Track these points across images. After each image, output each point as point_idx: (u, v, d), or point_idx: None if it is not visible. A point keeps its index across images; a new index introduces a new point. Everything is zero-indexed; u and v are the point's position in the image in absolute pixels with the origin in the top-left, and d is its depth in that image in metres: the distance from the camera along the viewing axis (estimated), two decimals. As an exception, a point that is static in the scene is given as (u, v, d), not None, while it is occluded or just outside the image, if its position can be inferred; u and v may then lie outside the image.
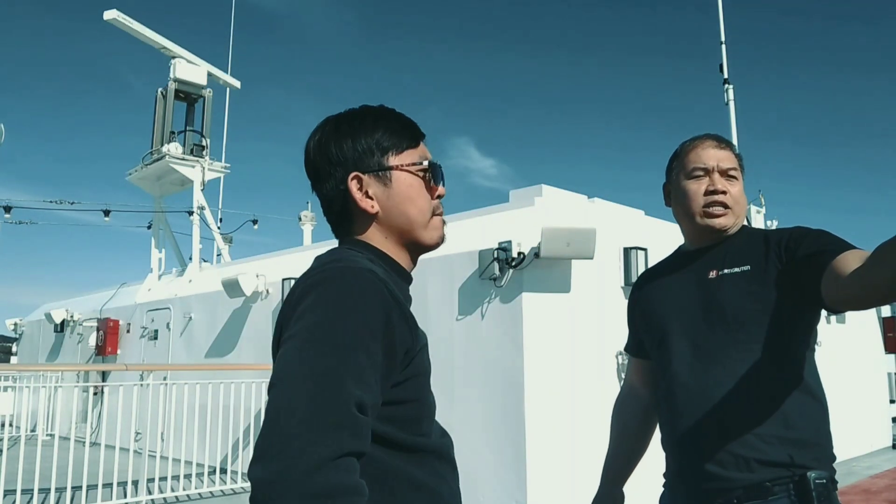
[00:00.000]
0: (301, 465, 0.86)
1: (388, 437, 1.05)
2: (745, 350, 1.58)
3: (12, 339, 15.44)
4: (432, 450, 1.13)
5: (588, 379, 5.48)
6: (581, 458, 5.27)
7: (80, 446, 5.62)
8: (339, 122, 1.23)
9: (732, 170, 1.72)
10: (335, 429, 0.90)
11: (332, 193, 1.21)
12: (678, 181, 1.77)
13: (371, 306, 1.02)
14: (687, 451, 1.64)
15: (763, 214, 8.57)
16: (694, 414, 1.61)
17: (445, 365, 5.62)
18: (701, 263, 1.74)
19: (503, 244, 5.35)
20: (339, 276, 1.06)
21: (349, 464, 0.90)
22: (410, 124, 1.26)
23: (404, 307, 1.09)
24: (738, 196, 1.73)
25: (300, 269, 1.26)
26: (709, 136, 1.78)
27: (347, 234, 1.24)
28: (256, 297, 7.84)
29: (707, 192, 1.71)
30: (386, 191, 1.20)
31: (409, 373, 1.08)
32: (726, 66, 9.04)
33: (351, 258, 1.13)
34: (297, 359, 0.97)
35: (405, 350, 1.06)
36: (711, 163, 1.71)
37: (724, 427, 1.56)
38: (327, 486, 0.86)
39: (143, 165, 11.29)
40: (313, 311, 1.01)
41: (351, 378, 0.94)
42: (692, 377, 1.64)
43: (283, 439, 0.88)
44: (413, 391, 1.09)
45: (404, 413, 1.08)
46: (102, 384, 7.07)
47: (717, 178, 1.70)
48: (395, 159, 1.21)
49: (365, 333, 0.99)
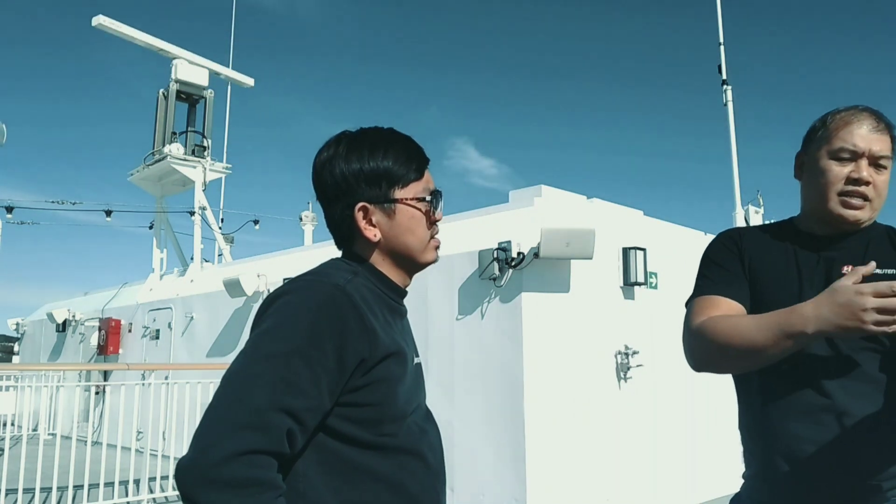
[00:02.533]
0: (209, 457, 1.02)
1: (347, 433, 1.17)
2: (873, 357, 1.46)
3: (14, 338, 15.45)
4: (397, 447, 1.21)
5: (587, 378, 5.50)
6: (581, 457, 5.29)
7: (82, 445, 5.64)
8: (351, 145, 1.30)
9: (884, 158, 1.51)
10: (244, 428, 1.04)
11: (339, 217, 1.31)
12: (818, 156, 1.55)
13: (323, 317, 1.13)
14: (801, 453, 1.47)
15: (762, 215, 8.59)
16: (818, 415, 1.46)
17: (445, 365, 5.65)
18: (832, 254, 1.54)
19: (503, 244, 5.37)
20: (301, 288, 1.18)
21: (257, 460, 1.04)
22: (418, 153, 1.33)
23: (367, 320, 1.18)
24: (883, 188, 1.53)
25: (301, 268, 1.31)
26: (867, 111, 1.54)
27: (348, 249, 1.33)
28: (258, 296, 7.86)
29: (850, 179, 1.50)
30: (389, 221, 1.29)
31: (369, 379, 1.18)
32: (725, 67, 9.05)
33: (326, 272, 1.24)
34: (236, 363, 1.12)
35: (359, 359, 1.16)
36: (863, 146, 1.50)
37: (857, 435, 1.43)
38: (230, 477, 1.01)
39: (144, 166, 11.31)
40: (269, 318, 1.16)
41: (279, 384, 1.07)
42: (819, 379, 1.47)
43: (201, 433, 1.05)
44: (373, 396, 1.18)
45: (363, 414, 1.18)
46: (104, 383, 7.09)
47: (863, 166, 1.50)
48: (401, 192, 1.29)
49: (309, 342, 1.11)
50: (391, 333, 1.24)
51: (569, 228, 5.24)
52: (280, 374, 1.08)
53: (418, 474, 1.24)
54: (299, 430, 1.10)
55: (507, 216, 5.84)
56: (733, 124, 8.91)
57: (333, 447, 1.16)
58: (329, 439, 1.16)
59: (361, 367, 1.16)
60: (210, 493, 1.01)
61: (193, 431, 1.06)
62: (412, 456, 1.24)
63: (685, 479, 6.00)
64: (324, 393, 1.12)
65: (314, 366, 1.10)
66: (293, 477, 1.14)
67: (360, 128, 1.34)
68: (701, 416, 6.15)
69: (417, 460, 1.25)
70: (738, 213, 8.52)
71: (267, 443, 1.05)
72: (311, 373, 1.10)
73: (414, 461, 1.24)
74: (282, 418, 1.07)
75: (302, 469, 1.15)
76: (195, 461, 1.03)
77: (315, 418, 1.12)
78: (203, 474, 1.01)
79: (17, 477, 5.36)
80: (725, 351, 1.45)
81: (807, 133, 1.62)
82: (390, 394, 1.21)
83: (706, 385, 6.02)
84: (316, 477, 1.16)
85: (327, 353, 1.12)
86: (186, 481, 1.02)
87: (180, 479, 1.03)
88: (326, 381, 1.12)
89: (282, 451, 1.08)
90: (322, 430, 1.16)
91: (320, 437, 1.16)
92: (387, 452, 1.20)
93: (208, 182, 11.14)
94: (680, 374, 5.96)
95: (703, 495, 5.83)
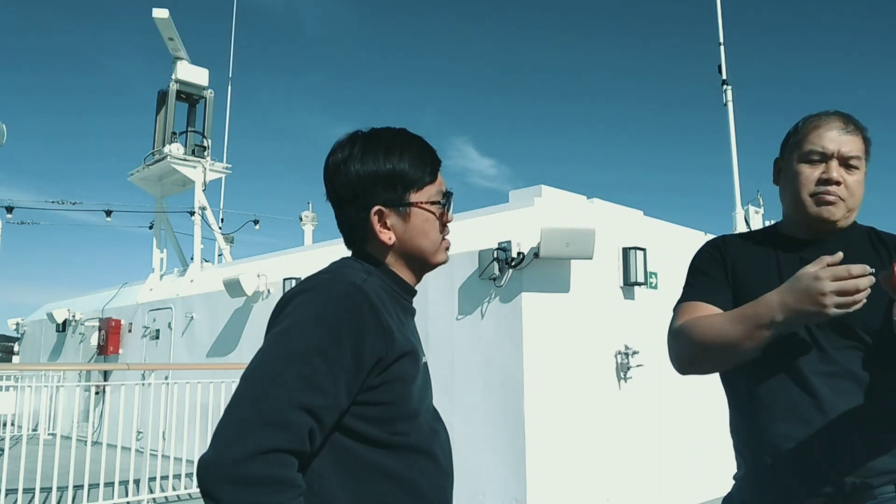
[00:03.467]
0: (231, 455, 1.01)
1: (361, 432, 1.17)
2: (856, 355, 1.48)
3: (14, 338, 15.45)
4: (409, 447, 1.21)
5: (587, 379, 5.50)
6: (581, 457, 5.29)
7: (82, 445, 5.64)
8: (366, 147, 1.29)
9: (854, 158, 1.55)
10: (266, 426, 1.03)
11: (353, 219, 1.30)
12: (791, 160, 1.61)
13: (342, 316, 1.13)
14: (789, 451, 1.49)
15: (761, 215, 8.58)
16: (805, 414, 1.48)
17: (445, 365, 5.65)
18: (811, 256, 1.52)
19: (503, 244, 5.38)
20: (319, 286, 1.18)
21: (279, 459, 1.03)
22: (432, 156, 1.33)
23: (383, 319, 1.18)
24: (855, 188, 1.56)
25: (301, 268, 1.32)
26: (836, 115, 1.58)
27: (359, 250, 1.33)
28: (258, 296, 7.86)
29: (820, 180, 1.54)
30: (403, 224, 1.29)
31: (385, 378, 1.18)
32: (725, 67, 9.05)
33: (342, 271, 1.25)
34: (257, 360, 1.12)
35: (377, 358, 1.16)
36: (832, 148, 1.54)
37: (842, 432, 1.45)
38: (252, 475, 1.01)
39: (144, 166, 11.30)
40: (287, 317, 1.16)
41: (300, 382, 1.07)
42: (803, 377, 1.49)
43: (223, 431, 1.05)
44: (387, 395, 1.18)
45: (378, 413, 1.18)
46: (104, 383, 7.09)
47: (833, 167, 1.54)
48: (416, 195, 1.29)
49: (329, 341, 1.11)
50: (405, 332, 1.25)
51: (569, 228, 5.24)
52: (300, 372, 1.08)
53: (430, 474, 1.24)
54: (318, 428, 1.10)
55: (507, 216, 5.84)
56: (733, 124, 8.90)
57: (347, 445, 1.16)
58: (343, 438, 1.16)
59: (378, 366, 1.17)
60: (232, 491, 1.01)
61: (193, 432, 1.06)
62: (424, 455, 1.24)
63: (685, 479, 6.00)
64: (342, 391, 1.12)
65: (333, 364, 1.11)
66: (307, 475, 1.14)
67: (371, 128, 1.33)
68: (701, 416, 6.15)
69: (429, 460, 1.25)
70: (737, 214, 8.50)
71: (289, 441, 1.05)
72: (331, 371, 1.10)
73: (426, 461, 1.24)
74: (303, 417, 1.07)
75: (316, 468, 1.15)
76: (217, 458, 1.02)
77: (333, 417, 1.13)
78: (226, 472, 1.01)
79: (17, 477, 5.35)
80: (704, 349, 1.49)
81: (783, 139, 1.67)
82: (404, 393, 1.21)
83: (706, 385, 6.01)
84: (329, 475, 1.16)
85: (346, 351, 1.12)
86: (208, 478, 1.02)
87: (202, 477, 1.03)
88: (345, 379, 1.12)
89: (303, 449, 1.08)
90: (337, 428, 1.16)
91: (335, 435, 1.16)
92: (399, 451, 1.20)
93: (208, 182, 11.13)
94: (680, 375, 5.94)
95: (703, 495, 5.83)
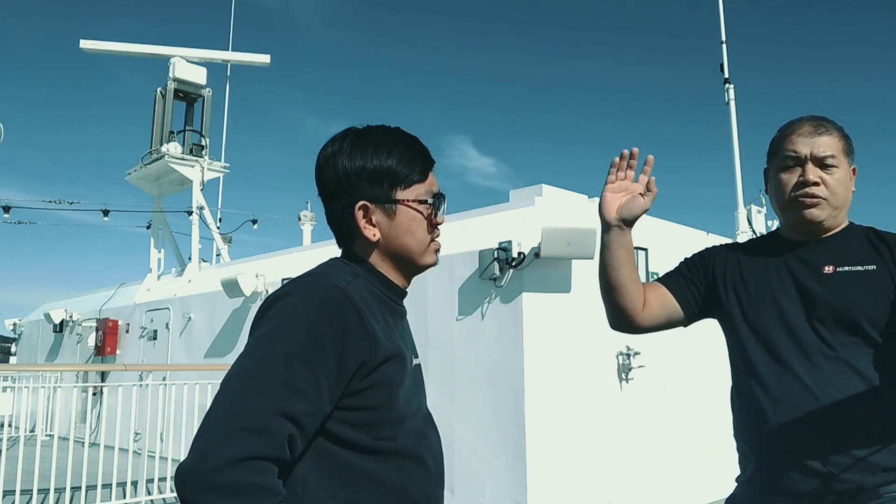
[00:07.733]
0: (210, 462, 1.00)
1: (345, 437, 1.15)
2: (863, 352, 1.50)
3: (11, 339, 15.43)
4: (396, 451, 1.20)
5: (588, 379, 5.48)
6: (582, 459, 5.26)
7: (80, 446, 5.60)
8: (356, 142, 1.28)
9: (829, 157, 1.57)
10: (245, 433, 1.02)
11: (339, 214, 1.29)
12: (772, 169, 1.66)
13: (324, 320, 1.12)
14: (796, 449, 1.51)
15: (764, 214, 8.55)
16: (811, 412, 1.49)
17: (445, 365, 5.62)
18: (808, 255, 1.61)
19: (503, 244, 5.35)
20: (301, 290, 1.17)
21: (258, 466, 1.02)
22: (423, 155, 1.31)
23: (367, 322, 1.16)
24: (836, 186, 1.58)
25: (300, 269, 1.29)
26: (807, 119, 1.63)
27: (348, 248, 1.32)
28: (256, 297, 7.83)
29: (798, 183, 1.58)
30: (389, 222, 1.28)
31: (369, 382, 1.16)
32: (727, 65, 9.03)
33: (326, 273, 1.23)
34: (238, 366, 1.10)
35: (360, 362, 1.14)
36: (804, 151, 1.58)
37: (847, 429, 1.46)
38: (231, 483, 0.99)
39: (142, 165, 11.27)
40: (269, 321, 1.14)
41: (281, 388, 1.06)
42: (808, 375, 1.51)
43: (201, 438, 1.03)
44: (373, 399, 1.17)
45: (363, 418, 1.16)
46: (101, 384, 7.05)
47: (809, 169, 1.57)
48: (403, 193, 1.28)
49: (311, 345, 1.09)
50: (391, 336, 1.23)
51: (570, 228, 5.21)
52: (281, 377, 1.07)
53: (417, 478, 1.23)
54: (300, 434, 1.08)
55: (507, 216, 5.82)
56: (735, 123, 8.88)
57: (332, 451, 1.15)
58: (327, 443, 1.15)
59: (362, 370, 1.15)
60: (210, 499, 0.99)
61: (191, 433, 1.03)
62: (411, 459, 1.23)
63: (686, 480, 5.98)
64: (324, 396, 1.10)
65: (315, 369, 1.09)
66: (291, 481, 1.13)
67: (367, 125, 1.33)
68: (702, 418, 6.12)
69: (417, 464, 1.24)
70: (740, 213, 8.47)
71: (268, 448, 1.04)
72: (312, 376, 1.08)
73: (413, 465, 1.23)
74: (283, 423, 1.05)
75: (300, 473, 1.14)
76: (195, 466, 1.01)
77: (315, 422, 1.11)
78: (203, 480, 1.00)
79: (15, 478, 5.32)
80: (602, 284, 1.76)
81: (767, 150, 1.73)
82: (390, 397, 1.20)
83: (707, 385, 5.99)
84: (314, 481, 1.14)
85: (328, 355, 1.10)
86: (186, 487, 1.01)
87: (180, 485, 1.02)
88: (327, 384, 1.10)
89: (282, 456, 1.06)
90: (321, 433, 1.14)
91: (319, 440, 1.15)
92: (386, 456, 1.19)
93: (206, 181, 11.10)
94: (681, 376, 5.94)
95: (704, 496, 5.80)
